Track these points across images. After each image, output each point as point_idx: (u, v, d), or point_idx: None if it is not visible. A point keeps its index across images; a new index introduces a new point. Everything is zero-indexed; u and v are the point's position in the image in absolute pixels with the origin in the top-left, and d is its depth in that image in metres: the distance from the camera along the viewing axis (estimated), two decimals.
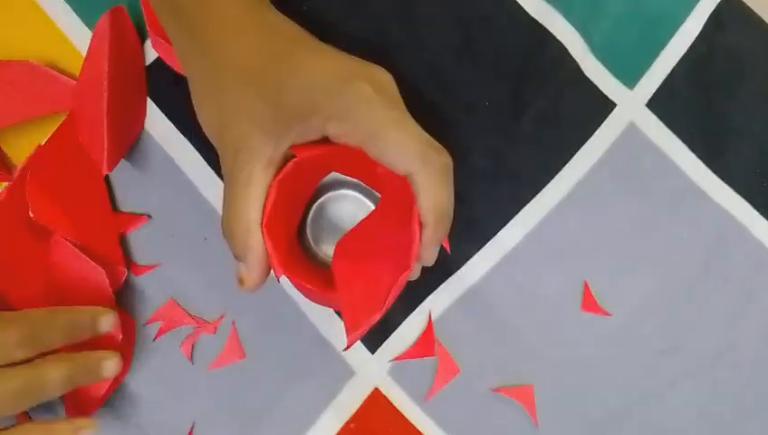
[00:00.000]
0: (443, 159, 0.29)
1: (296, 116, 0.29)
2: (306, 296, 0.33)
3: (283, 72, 0.29)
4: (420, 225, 0.29)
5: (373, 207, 0.35)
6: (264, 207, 0.30)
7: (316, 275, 0.32)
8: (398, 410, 0.37)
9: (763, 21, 0.42)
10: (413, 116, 0.30)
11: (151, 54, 0.39)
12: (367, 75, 0.29)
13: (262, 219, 0.30)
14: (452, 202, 0.30)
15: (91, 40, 0.36)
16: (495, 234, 0.39)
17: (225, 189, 0.30)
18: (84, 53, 0.37)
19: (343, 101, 0.28)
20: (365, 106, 0.28)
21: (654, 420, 0.38)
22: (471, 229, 0.38)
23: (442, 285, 0.38)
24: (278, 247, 0.30)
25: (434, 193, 0.29)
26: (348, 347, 0.30)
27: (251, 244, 0.29)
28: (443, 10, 0.40)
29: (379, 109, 0.28)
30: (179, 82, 0.34)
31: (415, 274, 0.32)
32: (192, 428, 0.37)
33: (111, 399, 0.37)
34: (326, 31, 0.39)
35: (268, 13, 0.31)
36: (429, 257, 0.31)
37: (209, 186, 0.38)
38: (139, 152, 0.38)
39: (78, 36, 0.39)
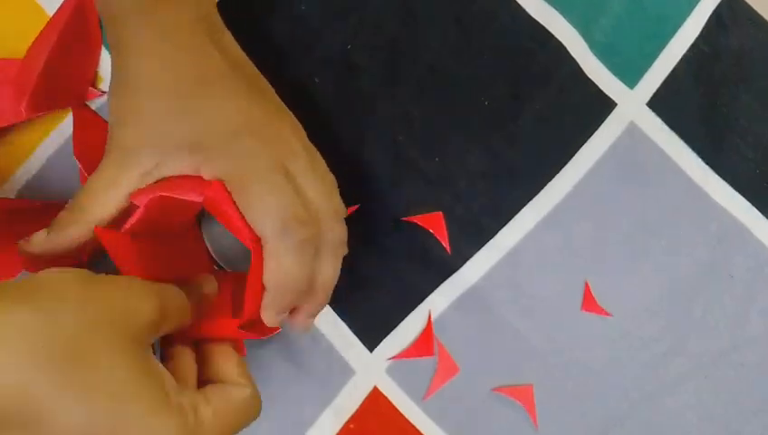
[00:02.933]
0: (302, 234, 0.29)
1: (181, 148, 0.29)
2: None
3: (185, 106, 0.29)
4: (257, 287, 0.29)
5: None
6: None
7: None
8: (397, 410, 0.37)
9: (765, 20, 0.42)
10: (412, 116, 0.29)
11: None
12: (261, 131, 0.30)
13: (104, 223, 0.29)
14: (304, 274, 0.30)
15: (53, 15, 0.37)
16: (495, 233, 0.39)
17: (95, 172, 0.30)
18: None
19: (223, 152, 0.29)
20: (242, 161, 0.29)
21: (655, 421, 0.38)
22: (471, 229, 0.38)
23: (442, 285, 0.38)
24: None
25: (277, 263, 0.29)
26: None
27: (72, 232, 0.29)
28: (443, 9, 0.40)
29: (255, 168, 0.29)
30: None
31: (268, 321, 0.31)
32: None
33: None
34: (325, 31, 0.39)
35: (203, 36, 0.31)
36: (270, 321, 0.30)
37: None
38: None
39: None
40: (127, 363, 0.24)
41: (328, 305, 0.37)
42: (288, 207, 0.29)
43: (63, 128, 0.38)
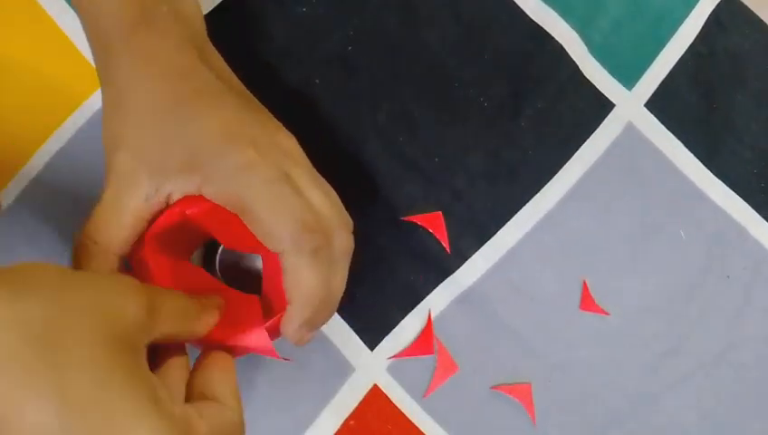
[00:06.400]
0: (315, 243, 0.28)
1: (178, 169, 0.28)
2: None
3: (177, 122, 0.29)
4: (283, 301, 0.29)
5: None
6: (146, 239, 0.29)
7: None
8: (397, 408, 0.38)
9: (762, 21, 0.42)
10: (412, 116, 0.30)
11: None
12: (256, 138, 0.28)
13: (127, 250, 0.29)
14: (324, 286, 0.28)
15: None
16: (494, 233, 0.39)
17: (97, 202, 0.29)
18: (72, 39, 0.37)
19: (221, 166, 0.28)
20: (241, 175, 0.27)
21: (654, 420, 0.38)
22: (470, 229, 0.39)
23: (441, 284, 0.38)
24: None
25: (299, 276, 0.28)
26: None
27: (94, 265, 0.28)
28: (443, 11, 0.40)
29: (256, 181, 0.27)
30: None
31: (291, 336, 0.30)
32: None
33: None
34: (325, 32, 0.39)
35: (191, 55, 0.30)
36: (293, 335, 0.29)
37: None
38: None
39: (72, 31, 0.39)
40: (109, 361, 0.22)
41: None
42: (297, 216, 0.27)
43: (65, 128, 0.38)
